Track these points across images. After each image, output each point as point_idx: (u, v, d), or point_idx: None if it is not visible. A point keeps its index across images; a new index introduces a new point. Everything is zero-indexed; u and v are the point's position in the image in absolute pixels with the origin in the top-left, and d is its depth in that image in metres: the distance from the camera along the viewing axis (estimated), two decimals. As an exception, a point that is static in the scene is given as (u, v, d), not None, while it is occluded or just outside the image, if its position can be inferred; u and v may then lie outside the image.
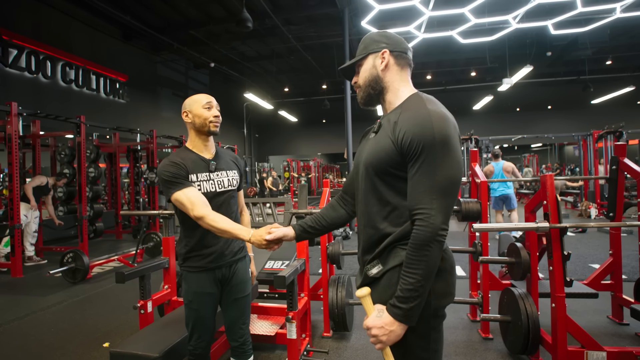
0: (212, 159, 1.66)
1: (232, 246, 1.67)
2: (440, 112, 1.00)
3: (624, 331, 2.72)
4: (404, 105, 1.08)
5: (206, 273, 1.62)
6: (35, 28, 7.92)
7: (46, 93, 8.15)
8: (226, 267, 1.66)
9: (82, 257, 4.37)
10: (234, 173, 1.71)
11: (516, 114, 18.20)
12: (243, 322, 1.71)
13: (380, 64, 1.12)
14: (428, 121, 0.97)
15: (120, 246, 6.65)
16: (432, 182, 0.95)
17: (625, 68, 14.90)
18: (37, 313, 3.44)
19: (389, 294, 1.01)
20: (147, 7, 9.03)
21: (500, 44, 10.67)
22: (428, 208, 0.94)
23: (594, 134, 8.99)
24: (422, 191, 0.96)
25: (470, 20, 6.55)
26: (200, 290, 1.61)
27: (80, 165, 5.23)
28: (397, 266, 1.01)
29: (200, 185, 1.60)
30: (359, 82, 1.17)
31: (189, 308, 1.63)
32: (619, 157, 2.68)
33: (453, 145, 0.97)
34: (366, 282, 1.07)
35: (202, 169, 1.62)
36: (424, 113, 0.99)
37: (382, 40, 1.13)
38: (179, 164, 1.57)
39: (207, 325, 1.65)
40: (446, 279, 1.03)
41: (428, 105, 1.01)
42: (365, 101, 1.19)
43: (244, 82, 15.30)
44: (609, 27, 9.01)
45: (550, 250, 2.03)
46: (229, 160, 1.73)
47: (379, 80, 1.13)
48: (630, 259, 4.25)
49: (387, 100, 1.14)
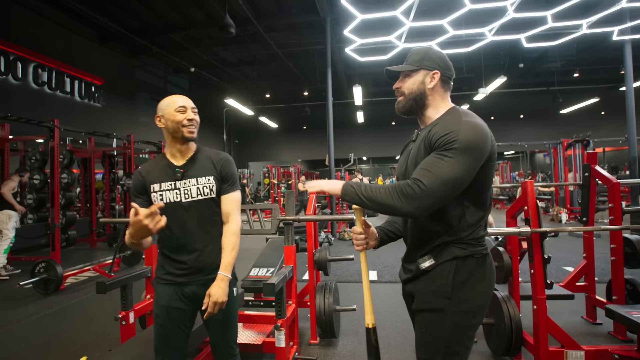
0: (182, 165, 1.51)
1: (207, 261, 1.51)
2: (474, 122, 1.10)
3: (598, 330, 2.84)
4: (441, 117, 1.18)
5: (174, 287, 1.48)
6: (5, 28, 7.58)
7: (17, 95, 7.80)
8: (199, 285, 1.49)
9: (55, 266, 4.18)
10: (207, 180, 1.51)
11: (491, 122, 18.50)
12: (227, 342, 1.56)
13: (429, 83, 1.21)
14: (457, 127, 1.07)
15: (95, 255, 6.39)
16: (435, 167, 1.04)
17: (591, 80, 15.75)
18: (6, 327, 3.25)
19: (437, 284, 1.13)
20: (126, 9, 8.82)
21: (476, 55, 11.05)
22: (420, 182, 1.04)
23: (563, 142, 9.43)
24: (423, 168, 1.06)
25: (448, 31, 6.78)
26: (165, 303, 1.47)
27: (53, 171, 5.01)
28: (448, 260, 1.12)
29: (162, 195, 1.48)
30: (404, 90, 1.24)
31: (155, 322, 1.50)
32: (591, 165, 2.82)
33: (472, 152, 1.05)
34: (418, 274, 1.18)
35: (168, 177, 1.50)
36: (457, 121, 1.10)
37: (437, 61, 1.21)
38: (138, 176, 1.52)
39: (174, 346, 1.48)
40: (489, 280, 1.16)
41: (463, 117, 1.11)
42: (405, 110, 1.26)
43: (225, 88, 15.15)
44: (576, 41, 9.52)
45: (531, 254, 2.11)
46: (206, 165, 1.54)
47: (424, 97, 1.22)
48: (600, 262, 4.45)
49: (426, 115, 1.24)
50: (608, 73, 14.96)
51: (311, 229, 2.83)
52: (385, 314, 3.26)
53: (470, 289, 1.12)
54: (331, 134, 7.80)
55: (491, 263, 1.19)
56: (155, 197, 1.49)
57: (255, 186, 21.55)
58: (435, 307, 1.13)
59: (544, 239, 2.09)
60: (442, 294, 1.12)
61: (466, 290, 1.12)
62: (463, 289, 1.12)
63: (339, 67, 11.99)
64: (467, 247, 1.13)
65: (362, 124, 18.45)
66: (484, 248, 1.16)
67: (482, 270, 1.14)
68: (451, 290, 1.11)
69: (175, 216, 1.46)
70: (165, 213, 1.41)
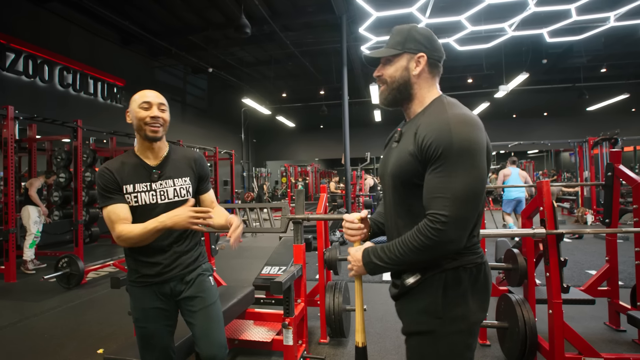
0: (156, 165, 1.45)
1: (182, 259, 1.47)
2: (461, 114, 0.95)
3: (621, 338, 2.71)
4: (425, 111, 1.03)
5: (150, 288, 1.43)
6: (34, 32, 7.92)
7: (43, 97, 8.13)
8: (176, 280, 1.46)
9: (77, 262, 4.33)
10: (183, 181, 1.47)
11: (513, 120, 18.32)
12: (209, 339, 1.46)
13: (415, 69, 1.04)
14: (446, 125, 0.92)
15: (115, 251, 6.59)
16: (446, 189, 0.90)
17: (620, 76, 15.07)
18: (30, 319, 3.40)
19: (425, 302, 0.99)
20: (146, 12, 9.06)
21: (496, 52, 10.77)
22: (441, 214, 0.90)
23: (589, 140, 9.05)
24: (436, 196, 0.91)
25: (466, 27, 6.63)
26: (145, 306, 1.43)
27: (76, 170, 5.21)
28: (436, 274, 0.98)
29: (137, 196, 1.40)
30: (385, 78, 1.08)
31: (136, 327, 1.45)
32: (615, 164, 2.70)
33: (474, 150, 0.91)
34: (402, 292, 1.04)
35: (142, 178, 1.41)
36: (444, 117, 0.95)
37: (422, 42, 1.04)
38: (109, 173, 1.38)
39: (161, 346, 1.45)
40: (484, 294, 1.02)
41: (449, 110, 0.97)
42: (388, 102, 1.10)
43: (242, 88, 15.34)
44: (604, 35, 9.14)
45: (547, 257, 2.03)
46: (182, 166, 1.49)
47: (409, 87, 1.06)
48: (626, 265, 4.26)
49: (411, 108, 1.08)
50: (639, 68, 14.27)
51: (321, 228, 2.82)
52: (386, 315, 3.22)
53: (463, 304, 0.97)
54: (347, 133, 7.77)
55: (487, 272, 1.04)
56: (129, 198, 1.40)
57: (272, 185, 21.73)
58: (425, 329, 0.99)
59: (560, 241, 2.01)
60: (432, 313, 0.98)
61: (459, 306, 0.97)
62: (456, 306, 0.97)
63: (355, 66, 11.92)
64: (458, 257, 0.98)
65: (379, 123, 18.28)
66: (478, 256, 1.01)
67: (477, 281, 0.99)
68: (442, 308, 0.97)
69: (150, 217, 1.37)
70: (140, 214, 1.39)
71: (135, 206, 1.41)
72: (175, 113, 13.55)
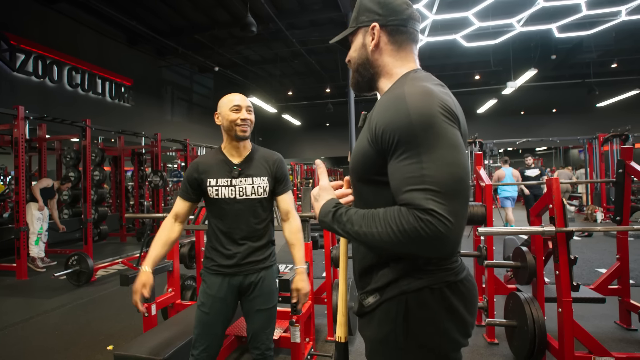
0: (239, 163, 1.58)
1: (255, 254, 1.59)
2: (420, 87, 0.75)
3: (632, 337, 2.68)
4: (388, 90, 0.84)
5: (222, 277, 1.56)
6: (43, 33, 8.03)
7: (52, 97, 8.24)
8: (246, 275, 1.57)
9: (86, 259, 4.39)
10: (261, 180, 1.59)
11: (521, 117, 18.11)
12: (266, 335, 1.61)
13: (370, 43, 0.86)
14: (402, 101, 0.72)
15: (124, 249, 6.67)
16: (421, 177, 0.67)
17: (631, 71, 14.79)
18: (41, 315, 3.46)
19: (384, 330, 0.80)
20: (153, 12, 9.12)
21: (504, 48, 10.63)
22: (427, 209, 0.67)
23: (599, 137, 8.92)
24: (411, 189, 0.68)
25: (474, 23, 6.56)
26: (212, 293, 1.55)
27: (85, 169, 5.27)
28: (394, 297, 0.79)
29: (218, 190, 1.55)
30: (351, 62, 0.93)
31: (199, 310, 1.57)
32: (626, 161, 2.65)
33: (440, 125, 0.70)
34: (362, 312, 0.85)
35: (225, 173, 1.56)
36: (398, 93, 0.75)
37: (374, 9, 0.86)
38: (197, 166, 1.58)
39: (214, 334, 1.56)
40: (468, 307, 0.81)
41: (405, 87, 0.76)
42: (356, 88, 0.95)
43: (248, 86, 15.37)
44: (614, 30, 8.96)
45: (556, 254, 2.01)
46: (261, 165, 1.60)
47: (368, 65, 0.88)
48: (637, 264, 4.20)
49: (380, 87, 0.89)
50: (650, 63, 14.01)
51: (328, 226, 2.82)
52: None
53: (432, 328, 0.77)
54: (353, 131, 7.76)
55: (464, 290, 0.80)
56: (210, 190, 1.55)
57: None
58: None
59: (569, 238, 1.98)
60: (391, 344, 0.79)
61: (426, 333, 0.77)
62: (421, 335, 0.77)
63: (361, 63, 11.86)
64: (423, 276, 0.77)
65: (385, 120, 18.18)
66: (451, 273, 0.79)
67: (451, 302, 0.78)
68: (403, 337, 0.78)
69: (228, 211, 1.55)
70: (219, 207, 1.55)
71: (216, 199, 1.55)
72: (181, 112, 13.64)
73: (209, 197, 1.57)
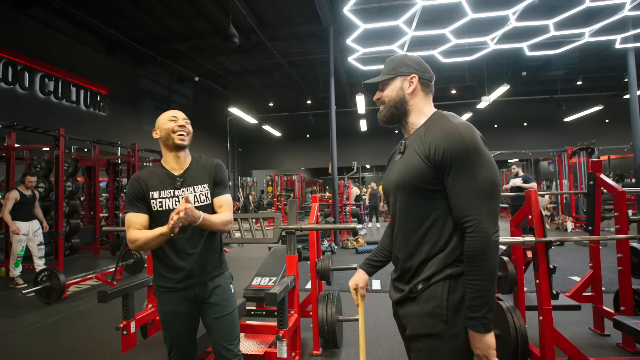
0: (180, 174, 1.59)
1: (205, 264, 1.57)
2: (465, 123, 1.08)
3: (606, 342, 2.78)
4: (427, 123, 1.15)
5: (176, 293, 1.54)
6: (14, 38, 7.73)
7: (23, 104, 7.90)
8: (200, 286, 1.56)
9: (57, 275, 4.17)
10: (202, 187, 1.59)
11: (494, 130, 18.83)
12: (229, 343, 1.58)
13: (408, 88, 1.19)
14: (457, 132, 1.04)
15: (97, 263, 6.39)
16: (473, 189, 1.00)
17: (595, 88, 15.73)
18: (7, 336, 3.24)
19: (431, 306, 1.05)
20: (131, 20, 8.97)
21: (478, 64, 11.09)
22: (476, 214, 0.99)
23: (567, 150, 9.38)
24: (466, 199, 1.01)
25: (450, 40, 6.81)
26: (171, 309, 1.55)
27: (57, 179, 5.04)
28: (440, 280, 1.05)
29: (162, 202, 1.54)
30: (384, 99, 1.22)
31: (163, 327, 1.59)
32: (596, 173, 2.80)
33: (484, 150, 1.04)
34: (406, 298, 1.12)
35: (167, 185, 1.56)
36: (451, 126, 1.06)
37: (412, 66, 1.20)
38: (138, 180, 1.55)
39: (185, 344, 1.60)
40: None
41: (452, 119, 1.09)
42: (387, 119, 1.23)
43: (228, 97, 15.28)
44: (579, 49, 9.53)
45: (536, 264, 2.08)
46: (202, 173, 1.62)
47: (404, 103, 1.19)
48: (607, 271, 4.39)
49: (410, 121, 1.20)
50: (612, 81, 14.94)
51: (314, 237, 2.81)
52: (388, 325, 3.22)
53: None
54: (334, 143, 7.82)
55: None
56: (154, 203, 1.54)
57: (258, 194, 21.56)
58: (431, 332, 1.05)
59: (549, 248, 2.06)
60: (437, 317, 1.04)
61: (462, 311, 1.03)
62: (460, 311, 1.03)
63: (341, 76, 12.07)
64: (460, 265, 1.05)
65: (365, 132, 18.48)
66: None
67: None
68: (447, 312, 1.03)
69: None
70: (164, 220, 1.47)
71: (160, 210, 1.54)
72: (160, 121, 13.33)
73: (152, 210, 1.54)
